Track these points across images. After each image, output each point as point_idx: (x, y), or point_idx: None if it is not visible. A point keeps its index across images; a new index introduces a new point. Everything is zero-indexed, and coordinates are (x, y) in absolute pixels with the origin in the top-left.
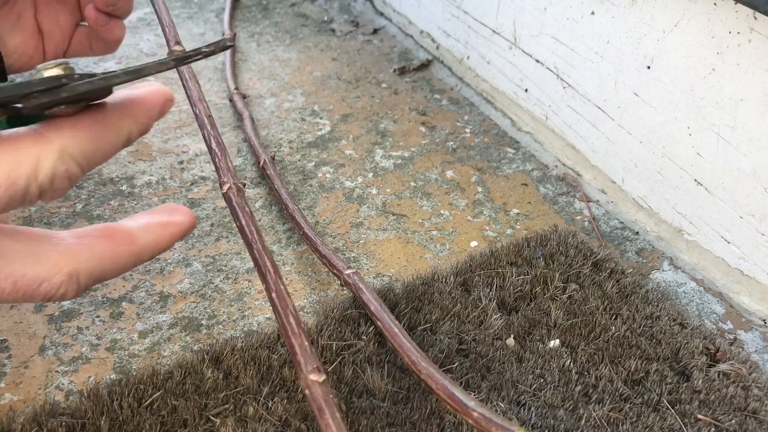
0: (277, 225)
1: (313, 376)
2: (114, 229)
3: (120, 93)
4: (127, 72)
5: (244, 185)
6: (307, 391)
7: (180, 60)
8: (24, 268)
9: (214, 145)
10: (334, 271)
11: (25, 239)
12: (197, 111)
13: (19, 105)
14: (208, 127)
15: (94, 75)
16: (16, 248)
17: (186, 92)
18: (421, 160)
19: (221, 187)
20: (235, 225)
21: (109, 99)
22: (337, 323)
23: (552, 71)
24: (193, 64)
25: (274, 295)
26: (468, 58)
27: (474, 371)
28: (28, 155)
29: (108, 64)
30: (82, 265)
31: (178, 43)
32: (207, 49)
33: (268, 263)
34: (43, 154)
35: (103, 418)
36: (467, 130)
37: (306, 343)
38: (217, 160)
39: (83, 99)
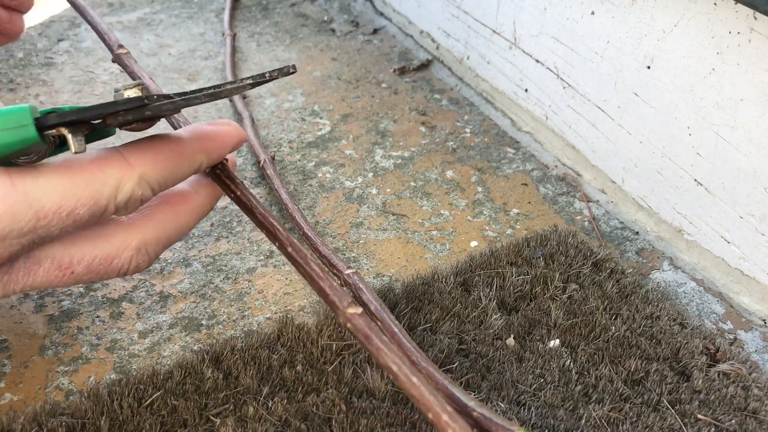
0: None
1: (351, 310)
2: (167, 194)
3: (199, 126)
4: (207, 94)
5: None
6: (348, 325)
7: (254, 84)
8: (94, 251)
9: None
10: (334, 271)
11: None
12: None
13: (96, 122)
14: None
15: (171, 96)
16: (83, 233)
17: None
18: (421, 160)
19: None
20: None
21: (188, 131)
22: (337, 323)
23: (552, 71)
24: (192, 64)
25: (290, 249)
26: (468, 58)
27: (474, 371)
28: (112, 179)
29: (107, 65)
30: (147, 234)
31: (120, 46)
32: (273, 74)
33: (275, 223)
34: (125, 178)
35: (103, 418)
36: (467, 130)
37: (335, 283)
38: None
39: (161, 116)
